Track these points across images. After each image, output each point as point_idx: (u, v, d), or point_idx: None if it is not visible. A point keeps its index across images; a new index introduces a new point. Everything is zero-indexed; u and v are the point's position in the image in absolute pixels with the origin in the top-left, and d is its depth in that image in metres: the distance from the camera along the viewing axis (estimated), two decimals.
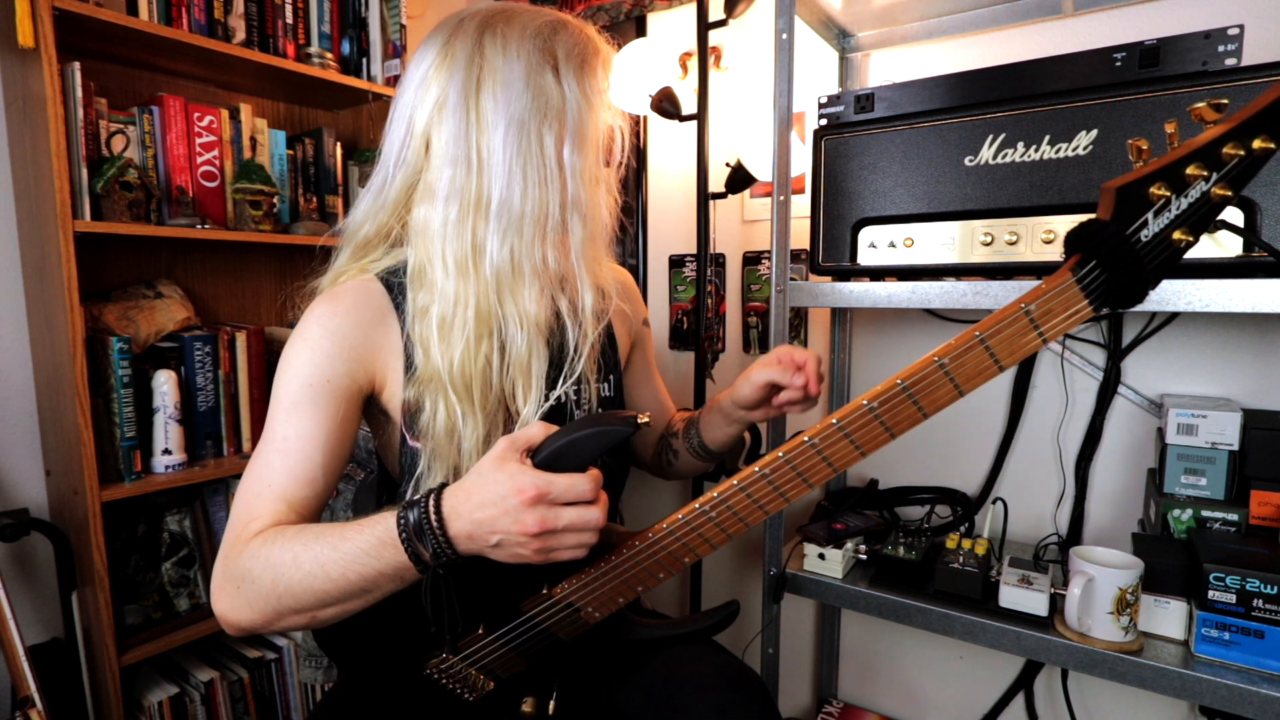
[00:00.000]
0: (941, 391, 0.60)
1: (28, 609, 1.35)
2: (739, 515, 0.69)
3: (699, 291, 1.51)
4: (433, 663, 0.79)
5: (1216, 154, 0.50)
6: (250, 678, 1.45)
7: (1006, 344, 0.57)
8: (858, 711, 1.55)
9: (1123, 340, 1.23)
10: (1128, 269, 0.52)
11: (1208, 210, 0.51)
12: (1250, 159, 0.49)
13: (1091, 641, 0.97)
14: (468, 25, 0.81)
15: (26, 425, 1.37)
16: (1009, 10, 1.28)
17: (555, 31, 0.81)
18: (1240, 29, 0.88)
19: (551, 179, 0.79)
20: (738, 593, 1.76)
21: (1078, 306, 0.55)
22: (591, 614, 0.76)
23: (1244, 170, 0.50)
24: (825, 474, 0.67)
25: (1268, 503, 1.00)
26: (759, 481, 0.68)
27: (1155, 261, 0.52)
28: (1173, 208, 0.51)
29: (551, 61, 0.80)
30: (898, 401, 0.61)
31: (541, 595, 0.75)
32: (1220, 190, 0.51)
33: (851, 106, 1.13)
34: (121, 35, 1.26)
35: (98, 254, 1.40)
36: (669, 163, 1.74)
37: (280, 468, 0.74)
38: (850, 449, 0.64)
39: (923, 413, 0.61)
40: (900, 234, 1.08)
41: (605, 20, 1.79)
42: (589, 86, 0.82)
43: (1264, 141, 0.49)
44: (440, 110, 0.79)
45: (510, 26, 0.80)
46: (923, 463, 1.45)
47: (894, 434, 0.62)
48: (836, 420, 0.65)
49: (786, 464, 0.67)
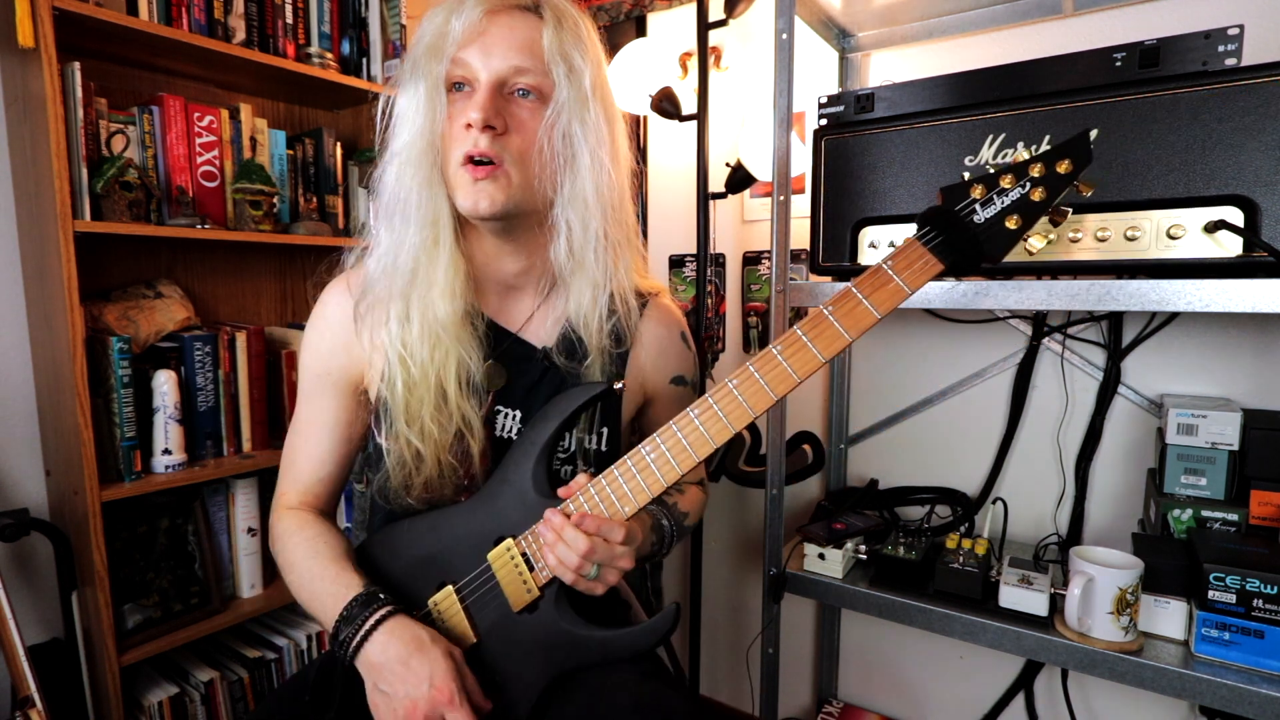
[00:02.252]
0: (830, 335, 0.71)
1: (28, 609, 1.35)
2: (671, 458, 0.74)
3: (699, 291, 1.51)
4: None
5: (1025, 170, 0.69)
6: (250, 678, 1.45)
7: (879, 294, 0.70)
8: (858, 711, 1.55)
9: (1123, 340, 1.23)
10: (956, 231, 0.69)
11: (1033, 206, 0.69)
12: (1053, 174, 0.68)
13: (1091, 641, 0.97)
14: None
15: (26, 425, 1.37)
16: (1009, 10, 1.28)
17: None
18: (1240, 29, 0.88)
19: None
20: (738, 592, 1.76)
21: (925, 260, 0.70)
22: (540, 571, 0.77)
23: (1051, 181, 0.68)
24: (741, 415, 0.72)
25: (1268, 503, 1.00)
26: (689, 425, 0.73)
27: (989, 234, 0.69)
28: (997, 202, 0.69)
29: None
30: (797, 347, 0.71)
31: (503, 544, 0.78)
32: (1038, 194, 0.68)
33: (851, 106, 1.13)
34: (121, 35, 1.26)
35: (98, 254, 1.40)
36: (669, 163, 1.74)
37: (299, 447, 0.89)
38: (760, 390, 0.72)
39: (820, 356, 0.71)
40: (900, 234, 1.08)
41: (605, 20, 1.79)
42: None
43: (1063, 164, 0.68)
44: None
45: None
46: (923, 463, 1.46)
47: (799, 377, 0.71)
48: (751, 366, 0.72)
49: (710, 405, 0.73)
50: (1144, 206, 0.91)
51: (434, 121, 0.77)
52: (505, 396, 0.85)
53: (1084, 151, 0.69)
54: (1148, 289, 0.88)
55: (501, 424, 0.86)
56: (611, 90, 0.84)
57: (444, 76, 0.77)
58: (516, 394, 0.85)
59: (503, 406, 0.85)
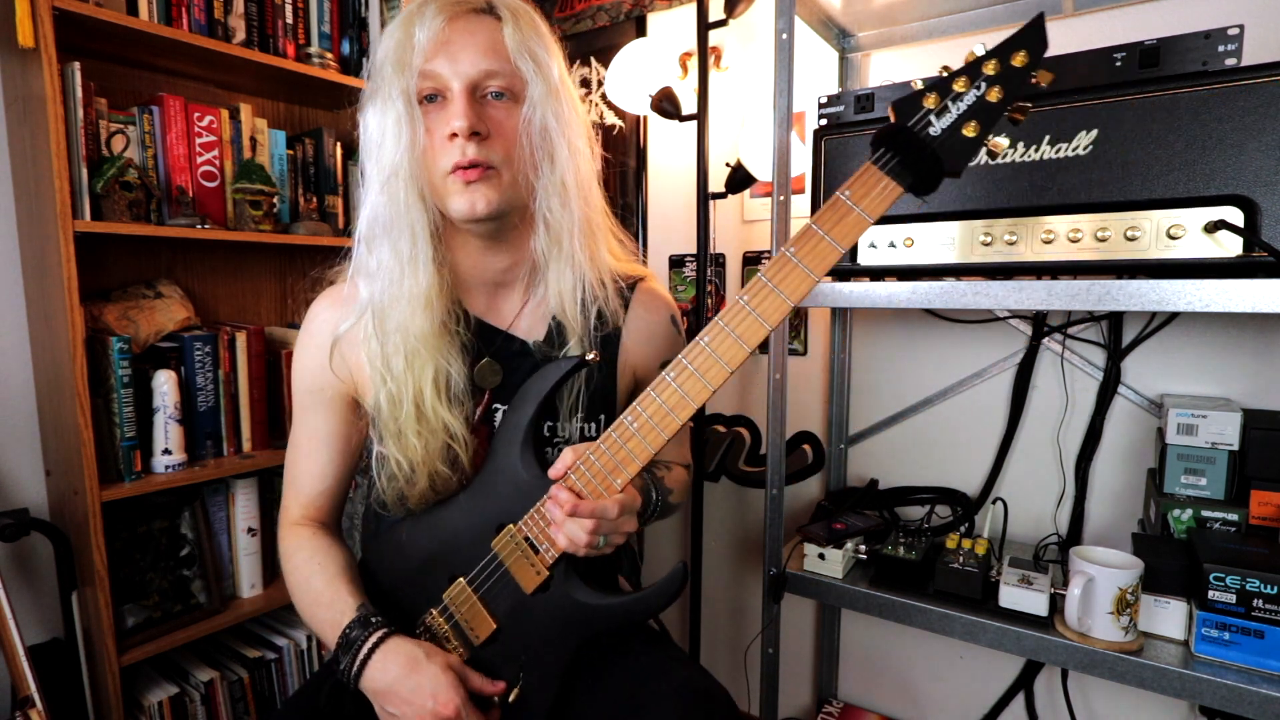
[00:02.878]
0: (796, 277, 0.69)
1: (28, 609, 1.35)
2: (654, 423, 0.73)
3: (699, 291, 1.51)
4: (422, 621, 0.84)
5: (978, 70, 0.65)
6: (250, 678, 1.45)
7: (840, 228, 0.68)
8: (858, 711, 1.55)
9: (1123, 340, 1.23)
10: (911, 148, 0.66)
11: (990, 108, 0.64)
12: (1008, 68, 0.64)
13: (1091, 641, 0.97)
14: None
15: (26, 425, 1.37)
16: (1009, 10, 1.28)
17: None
18: (1240, 29, 0.88)
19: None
20: (738, 592, 1.76)
21: (883, 184, 0.67)
22: (546, 552, 0.77)
23: (1008, 77, 0.64)
24: (718, 372, 0.71)
25: (1268, 503, 1.00)
26: (667, 388, 0.73)
27: (948, 145, 0.65)
28: (952, 109, 0.65)
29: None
30: (764, 294, 0.70)
31: (505, 531, 0.79)
32: (995, 94, 0.64)
33: (851, 106, 1.13)
34: (121, 35, 1.26)
35: (98, 254, 1.40)
36: (669, 163, 1.74)
37: (298, 462, 0.90)
38: (733, 343, 0.71)
39: (788, 300, 0.69)
40: (900, 234, 1.08)
41: (605, 20, 1.79)
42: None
43: (1018, 55, 0.63)
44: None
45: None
46: (923, 463, 1.46)
47: (768, 325, 0.70)
48: (720, 319, 0.71)
49: (686, 368, 0.72)
50: (1144, 206, 0.91)
51: (412, 138, 0.76)
52: (502, 393, 0.86)
53: (1039, 38, 0.64)
54: (1148, 289, 0.88)
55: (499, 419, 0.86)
56: (570, 78, 0.84)
57: (414, 90, 0.76)
58: (512, 390, 0.85)
59: (499, 404, 0.86)
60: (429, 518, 0.84)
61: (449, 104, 0.76)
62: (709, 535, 1.77)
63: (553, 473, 0.76)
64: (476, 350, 0.85)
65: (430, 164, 0.78)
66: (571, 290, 0.83)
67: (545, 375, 0.81)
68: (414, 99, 0.76)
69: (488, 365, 0.85)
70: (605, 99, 1.81)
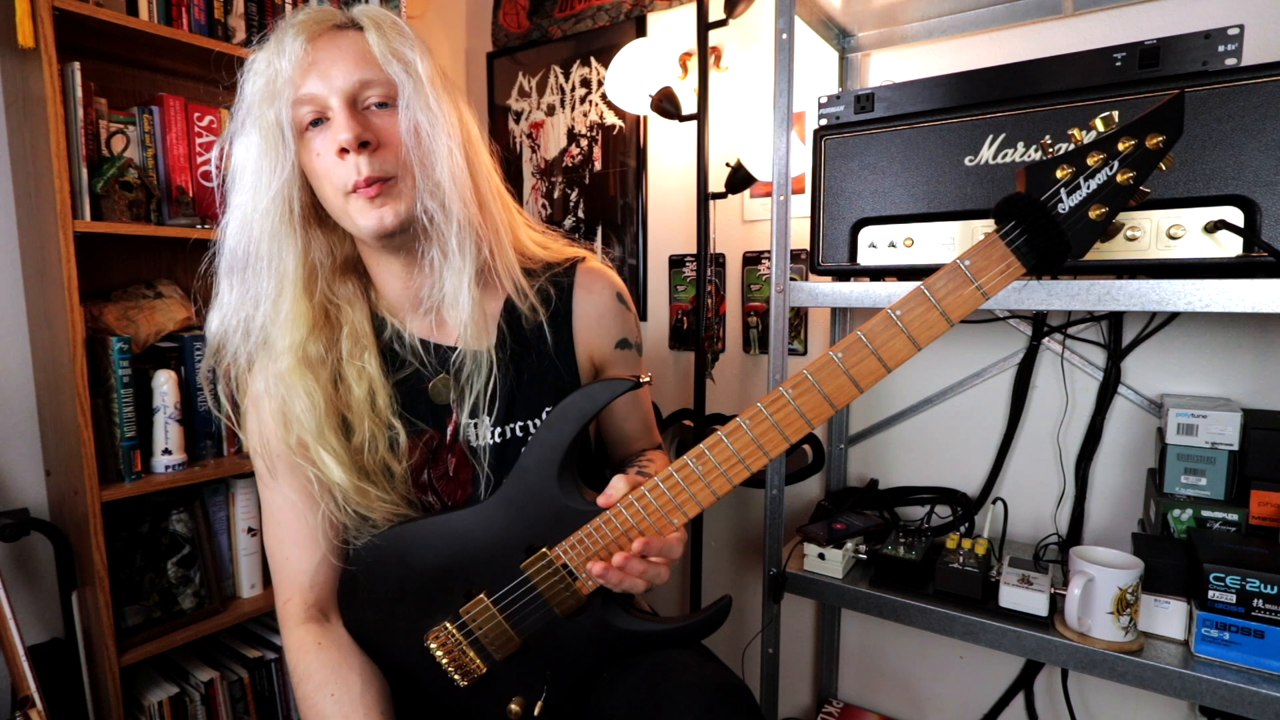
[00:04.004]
0: (898, 344, 0.65)
1: (28, 609, 1.35)
2: (724, 471, 0.71)
3: (699, 291, 1.51)
4: (432, 632, 0.82)
5: (1113, 146, 0.61)
6: (250, 678, 1.45)
7: (953, 299, 0.64)
8: (858, 711, 1.55)
9: (1123, 340, 1.23)
10: (1043, 228, 0.61)
11: (1118, 191, 0.61)
12: (1143, 150, 0.60)
13: (1091, 641, 0.97)
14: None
15: (26, 425, 1.37)
16: (1009, 10, 1.28)
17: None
18: (1240, 29, 0.88)
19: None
20: (738, 592, 1.76)
21: (1007, 262, 0.62)
22: (585, 582, 0.77)
23: (1140, 159, 0.60)
24: (799, 427, 0.69)
25: (1268, 503, 1.00)
26: (741, 435, 0.70)
27: (1075, 228, 0.62)
28: (1083, 187, 0.61)
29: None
30: (861, 354, 0.66)
31: (539, 555, 0.77)
32: (1125, 176, 0.61)
33: (851, 106, 1.13)
34: (121, 35, 1.26)
35: (98, 254, 1.40)
36: (669, 163, 1.74)
37: (281, 538, 0.85)
38: (821, 401, 0.68)
39: (885, 366, 0.66)
40: (900, 234, 1.08)
41: (605, 20, 1.79)
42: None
43: (1155, 138, 0.60)
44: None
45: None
46: (923, 463, 1.46)
47: (861, 388, 0.66)
48: (807, 371, 0.68)
49: (765, 418, 0.69)
50: (1144, 206, 0.91)
51: (279, 168, 0.74)
52: (469, 408, 0.84)
53: (1176, 122, 0.59)
54: (1148, 289, 0.88)
55: (475, 434, 0.85)
56: (443, 72, 0.81)
57: (289, 119, 0.74)
58: (474, 400, 0.83)
59: (468, 419, 0.84)
60: (438, 525, 0.82)
61: (332, 122, 0.74)
62: (709, 535, 1.77)
63: (602, 500, 0.75)
64: (434, 370, 0.84)
65: (326, 188, 0.77)
66: (467, 291, 0.80)
67: (591, 395, 0.77)
68: (288, 128, 0.74)
69: (440, 382, 0.84)
70: (605, 99, 1.81)
